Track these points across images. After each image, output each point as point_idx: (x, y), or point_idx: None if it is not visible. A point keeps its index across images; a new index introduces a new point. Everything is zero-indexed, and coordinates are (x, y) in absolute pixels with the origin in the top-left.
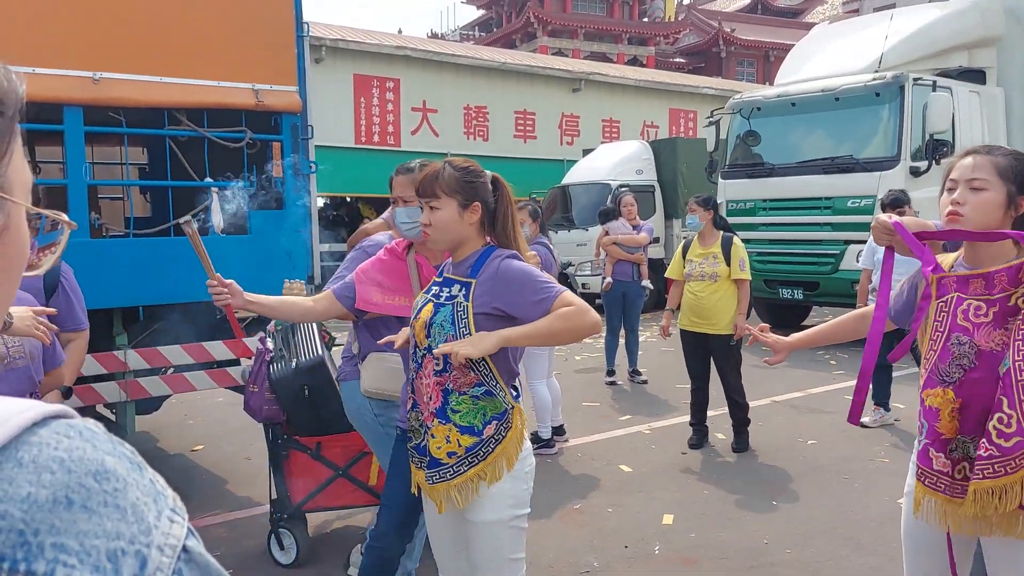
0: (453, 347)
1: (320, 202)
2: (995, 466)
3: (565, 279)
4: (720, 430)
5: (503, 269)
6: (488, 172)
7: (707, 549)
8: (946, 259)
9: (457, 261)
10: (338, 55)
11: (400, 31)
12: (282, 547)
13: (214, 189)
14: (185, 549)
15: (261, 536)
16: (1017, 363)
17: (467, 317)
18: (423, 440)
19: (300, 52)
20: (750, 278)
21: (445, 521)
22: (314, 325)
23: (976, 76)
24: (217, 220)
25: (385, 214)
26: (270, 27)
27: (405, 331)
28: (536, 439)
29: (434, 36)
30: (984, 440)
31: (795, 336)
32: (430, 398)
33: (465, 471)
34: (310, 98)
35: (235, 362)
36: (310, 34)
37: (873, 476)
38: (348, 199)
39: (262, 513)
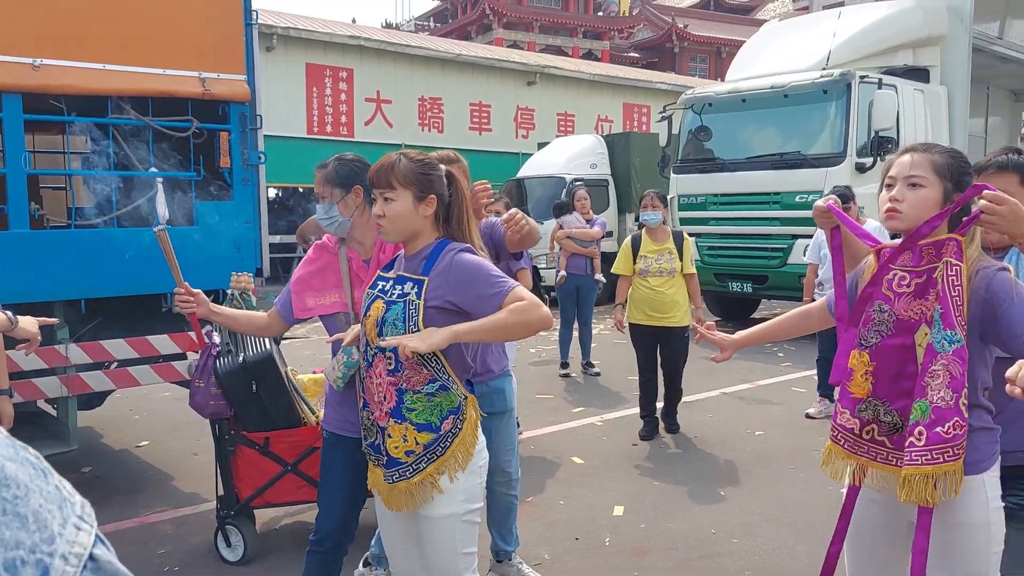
0: (401, 340)
1: (271, 193)
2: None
3: (536, 272)
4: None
5: (456, 263)
6: (443, 166)
7: (657, 539)
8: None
9: (410, 254)
10: (290, 44)
11: (354, 20)
12: (229, 544)
13: (159, 179)
14: (92, 558)
15: (208, 533)
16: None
17: (417, 315)
18: (376, 439)
19: (248, 40)
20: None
21: (396, 515)
22: None
23: (920, 74)
24: (162, 211)
25: None
26: (217, 14)
27: (355, 328)
28: None
29: (389, 26)
30: (957, 417)
31: (740, 334)
32: (384, 398)
33: (424, 467)
34: (261, 87)
35: (181, 356)
36: (261, 22)
37: (818, 466)
38: (300, 190)
39: (209, 510)
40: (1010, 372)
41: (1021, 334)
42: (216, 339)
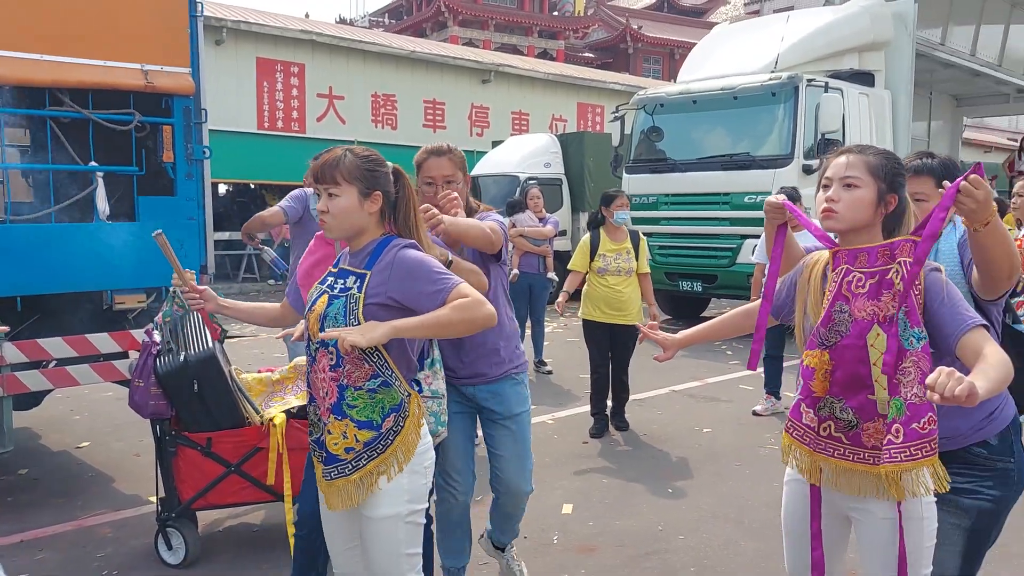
0: (340, 333)
1: (222, 189)
2: (920, 447)
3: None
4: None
5: (399, 259)
6: (390, 163)
7: (604, 537)
8: (824, 255)
9: (354, 251)
10: (240, 37)
11: (307, 15)
12: (170, 547)
13: (99, 173)
14: None
15: (149, 536)
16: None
17: (357, 309)
18: (321, 435)
19: (194, 32)
20: None
21: (339, 515)
22: (199, 317)
23: (865, 78)
24: (102, 206)
25: (282, 202)
26: (161, 5)
27: (303, 324)
28: None
29: (343, 22)
30: (931, 412)
31: (683, 333)
32: (326, 393)
33: (364, 465)
34: (209, 81)
35: (123, 355)
36: (210, 15)
37: (763, 463)
38: (251, 186)
39: (150, 512)
40: (930, 379)
41: (949, 335)
42: (156, 337)
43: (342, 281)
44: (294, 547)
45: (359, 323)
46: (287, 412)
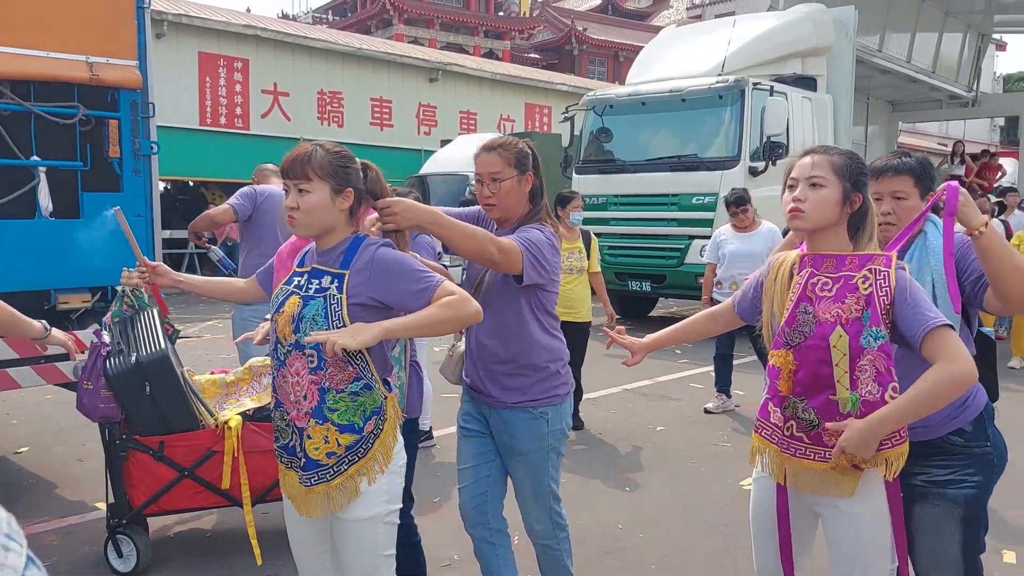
0: (328, 336)
1: (160, 186)
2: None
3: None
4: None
5: (379, 258)
6: (359, 159)
7: None
8: (792, 255)
9: (323, 249)
10: (181, 31)
11: (248, 10)
12: (120, 554)
13: (42, 168)
14: None
15: (97, 543)
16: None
17: (341, 310)
18: (292, 440)
19: (141, 24)
20: None
21: (309, 520)
22: (156, 317)
23: (808, 83)
24: (45, 202)
25: (231, 199)
26: None
27: (264, 326)
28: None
29: (285, 17)
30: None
31: (650, 337)
32: (304, 397)
33: (346, 469)
34: (153, 74)
35: (65, 357)
36: (151, 7)
37: (718, 460)
38: (191, 183)
39: (97, 519)
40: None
41: (913, 335)
42: (106, 338)
43: (316, 281)
44: None
45: (344, 325)
46: (243, 414)
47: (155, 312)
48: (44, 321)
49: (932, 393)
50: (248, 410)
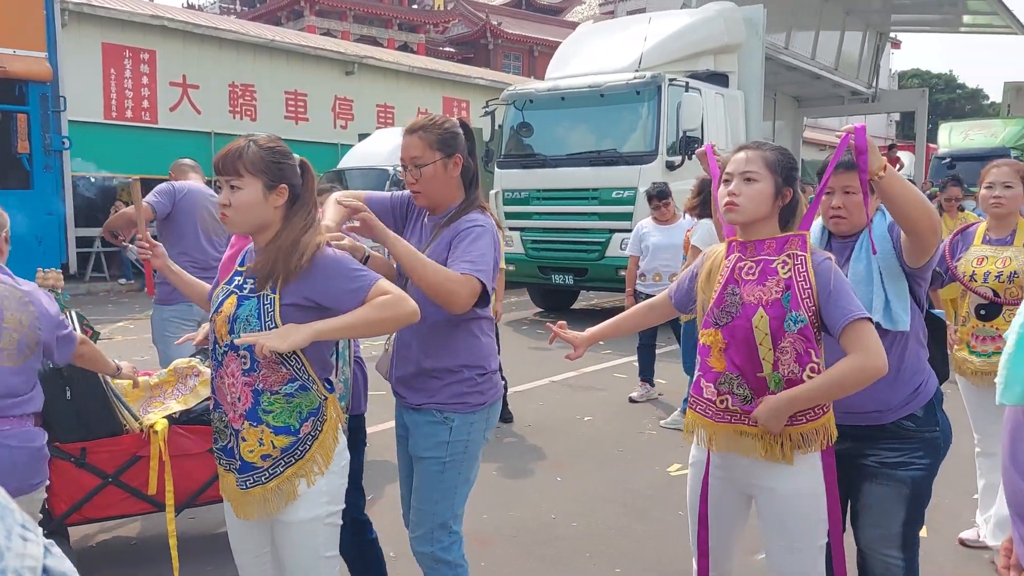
0: (258, 338)
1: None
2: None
3: None
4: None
5: (316, 257)
6: (296, 155)
7: (499, 528)
8: (724, 246)
9: (259, 248)
10: (84, 21)
11: None
12: None
13: None
14: (45, 570)
15: None
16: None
17: (274, 310)
18: (229, 442)
19: (49, 15)
20: None
21: (248, 524)
22: (75, 318)
23: (720, 79)
24: None
25: (149, 197)
26: None
27: (205, 327)
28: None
29: (190, 7)
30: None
31: (591, 331)
32: (238, 399)
33: (281, 472)
34: (64, 66)
35: None
36: None
37: (644, 447)
38: (92, 179)
39: None
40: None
41: (833, 325)
42: None
43: (252, 281)
44: None
45: (276, 326)
46: (168, 417)
47: (73, 314)
48: (117, 361)
49: (840, 382)
50: (174, 413)
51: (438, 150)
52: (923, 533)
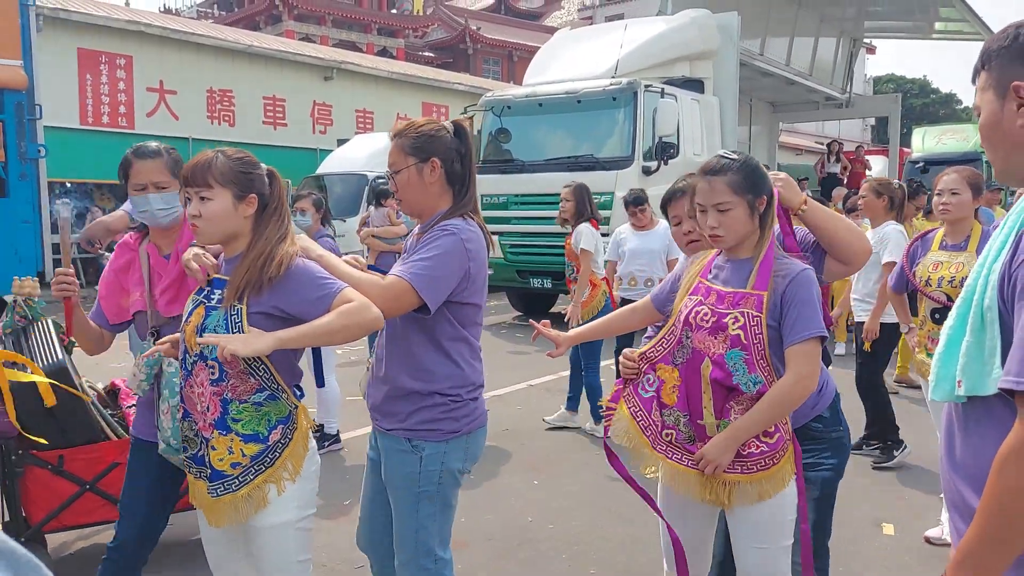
0: (220, 340)
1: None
2: (765, 459)
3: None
4: None
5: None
6: (263, 164)
7: (475, 532)
8: (708, 254)
9: (229, 257)
10: (58, 26)
11: (127, 3)
12: None
13: None
14: None
15: None
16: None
17: (241, 320)
18: (200, 450)
19: (25, 22)
20: None
21: (222, 534)
22: (51, 326)
23: (696, 85)
24: None
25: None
26: None
27: (172, 336)
28: (323, 435)
29: (167, 12)
30: (755, 439)
31: (575, 330)
32: (207, 408)
33: (252, 479)
34: (39, 74)
35: None
36: (35, 4)
37: (620, 450)
38: (68, 185)
39: None
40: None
41: (784, 340)
42: None
43: (220, 291)
44: (103, 570)
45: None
46: None
47: (49, 322)
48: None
49: (780, 402)
50: None
51: (411, 155)
52: (890, 531)
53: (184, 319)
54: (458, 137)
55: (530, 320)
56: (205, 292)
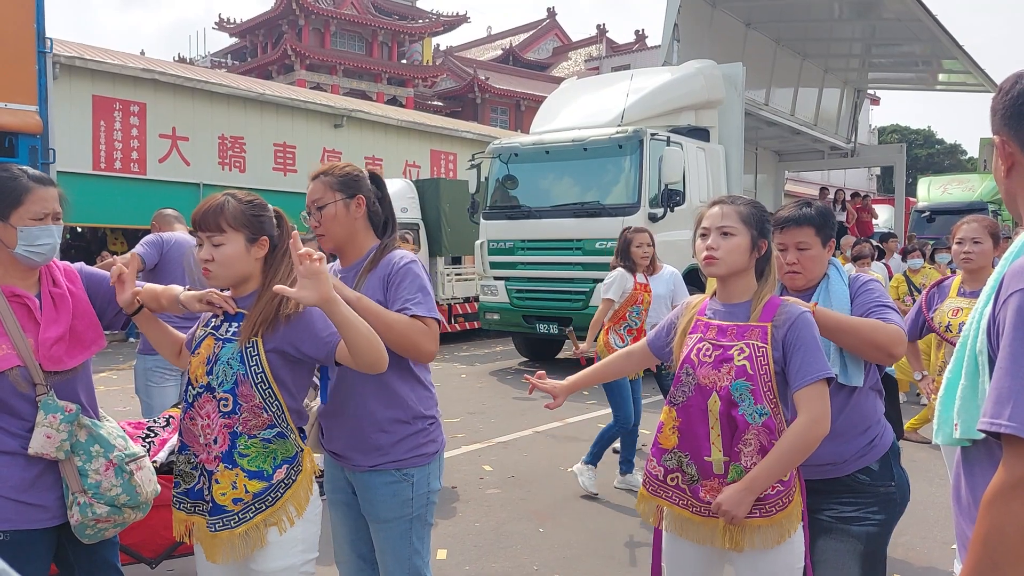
0: (285, 291)
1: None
2: (782, 499)
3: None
4: (487, 461)
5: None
6: (271, 206)
7: None
8: (701, 299)
9: (240, 296)
10: (75, 74)
11: (143, 53)
12: None
13: None
14: None
15: None
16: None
17: (258, 353)
18: (200, 483)
19: (41, 69)
20: None
21: (223, 569)
22: None
23: (702, 134)
24: None
25: (138, 248)
26: (7, 40)
27: (225, 300)
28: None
29: (182, 61)
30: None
31: (570, 379)
32: (214, 440)
33: (251, 517)
34: (54, 119)
35: None
36: (52, 51)
37: (628, 498)
38: (79, 229)
39: None
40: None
41: (791, 384)
42: None
43: (234, 325)
44: None
45: (263, 371)
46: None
47: None
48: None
49: (793, 447)
50: (155, 462)
51: (338, 191)
52: None
53: (192, 350)
54: (375, 184)
55: (524, 376)
56: (214, 324)
